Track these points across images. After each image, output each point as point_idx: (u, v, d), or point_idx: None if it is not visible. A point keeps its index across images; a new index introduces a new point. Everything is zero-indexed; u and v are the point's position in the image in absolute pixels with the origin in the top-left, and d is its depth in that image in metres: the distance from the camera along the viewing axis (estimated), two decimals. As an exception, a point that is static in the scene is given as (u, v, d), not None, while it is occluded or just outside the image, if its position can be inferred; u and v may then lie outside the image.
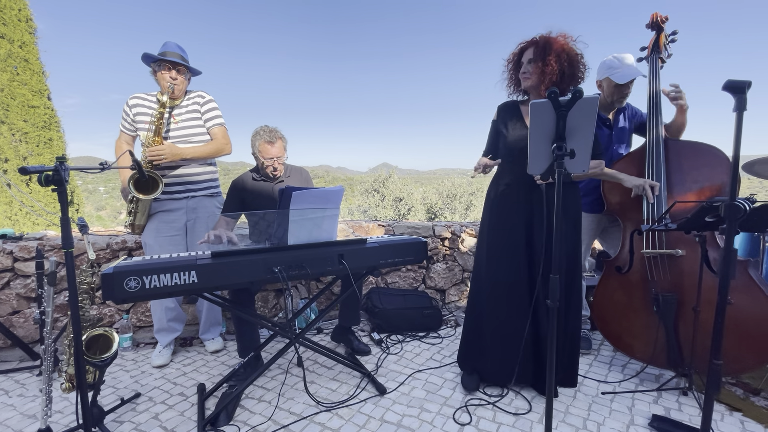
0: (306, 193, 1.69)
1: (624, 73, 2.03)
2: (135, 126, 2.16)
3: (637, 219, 1.97)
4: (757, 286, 1.69)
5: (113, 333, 1.54)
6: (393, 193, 15.37)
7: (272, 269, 1.56)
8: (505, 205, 1.85)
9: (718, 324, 1.08)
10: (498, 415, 1.69)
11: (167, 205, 2.19)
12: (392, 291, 2.88)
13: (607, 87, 2.11)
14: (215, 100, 2.27)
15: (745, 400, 1.79)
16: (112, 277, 1.34)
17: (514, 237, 1.81)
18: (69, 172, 1.19)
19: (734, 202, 1.05)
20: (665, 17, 2.03)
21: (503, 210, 1.85)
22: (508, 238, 1.82)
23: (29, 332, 2.35)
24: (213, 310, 2.40)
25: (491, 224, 1.88)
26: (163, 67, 2.09)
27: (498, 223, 1.86)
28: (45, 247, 2.37)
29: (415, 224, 3.22)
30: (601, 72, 2.13)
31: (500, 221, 1.85)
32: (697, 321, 1.72)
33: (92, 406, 1.49)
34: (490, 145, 1.95)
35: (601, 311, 2.07)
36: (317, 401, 1.79)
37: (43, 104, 6.29)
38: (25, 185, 5.95)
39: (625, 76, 2.02)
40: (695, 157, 1.90)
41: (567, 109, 1.17)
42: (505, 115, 1.89)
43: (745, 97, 1.02)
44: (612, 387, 1.92)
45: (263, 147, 2.14)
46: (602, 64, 2.14)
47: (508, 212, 1.83)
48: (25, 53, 6.08)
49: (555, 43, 1.66)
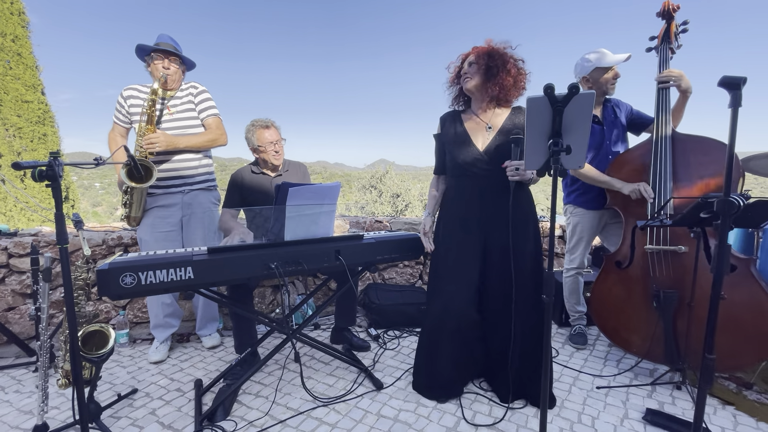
0: (302, 189, 1.69)
1: (609, 57, 2.04)
2: (130, 118, 2.15)
3: (639, 213, 1.97)
4: (758, 284, 1.69)
5: (109, 329, 1.54)
6: (390, 190, 15.36)
7: (269, 265, 1.55)
8: (458, 217, 1.78)
9: (712, 319, 1.09)
10: (494, 410, 1.70)
11: (162, 200, 2.17)
12: (389, 287, 2.89)
13: (599, 77, 2.09)
14: (209, 91, 2.26)
15: (737, 393, 1.81)
16: (107, 273, 1.34)
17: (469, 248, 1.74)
18: (63, 168, 1.18)
19: (728, 198, 1.05)
20: (677, 6, 2.00)
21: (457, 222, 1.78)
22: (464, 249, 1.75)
23: (25, 328, 2.34)
24: (210, 306, 2.40)
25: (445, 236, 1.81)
26: (155, 57, 2.09)
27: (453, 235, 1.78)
28: (40, 243, 2.36)
29: (412, 220, 3.22)
30: (585, 68, 2.11)
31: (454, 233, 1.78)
32: (692, 316, 1.73)
33: (89, 401, 1.49)
34: (439, 161, 1.90)
35: (599, 306, 2.08)
36: (314, 396, 1.80)
37: (36, 99, 6.23)
38: (20, 181, 5.90)
39: (616, 59, 2.03)
40: (702, 153, 1.88)
41: (563, 105, 1.16)
42: (447, 128, 1.83)
43: (740, 93, 1.02)
44: (607, 381, 1.94)
45: (260, 133, 2.20)
46: (582, 60, 2.12)
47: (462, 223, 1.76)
48: (18, 47, 6.00)
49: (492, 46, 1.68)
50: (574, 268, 2.36)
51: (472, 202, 1.75)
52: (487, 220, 1.73)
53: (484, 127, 1.75)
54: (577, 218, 2.31)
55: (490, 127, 1.74)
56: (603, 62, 2.05)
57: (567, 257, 2.40)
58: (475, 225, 1.74)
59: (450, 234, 1.80)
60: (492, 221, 1.72)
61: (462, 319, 1.73)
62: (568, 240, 2.39)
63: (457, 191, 1.81)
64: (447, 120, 1.85)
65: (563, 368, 2.07)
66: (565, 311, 2.52)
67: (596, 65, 2.07)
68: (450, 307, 1.74)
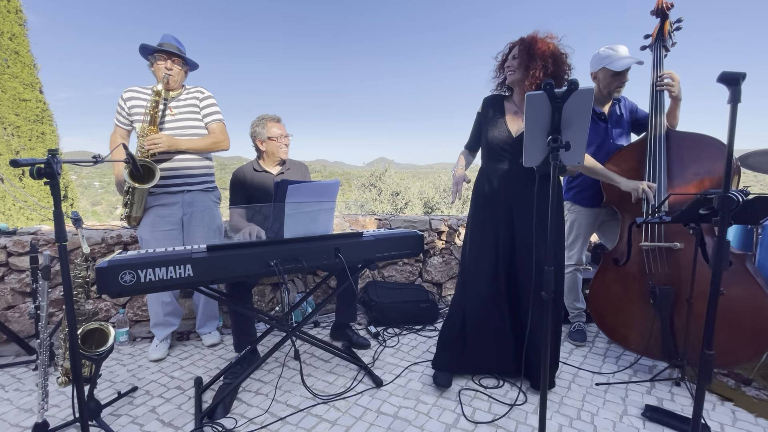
0: (302, 186, 1.68)
1: (620, 62, 2.02)
2: (130, 119, 2.15)
3: (635, 211, 1.97)
4: (754, 280, 1.70)
5: (109, 327, 1.54)
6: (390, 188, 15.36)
7: (268, 263, 1.55)
8: (486, 199, 1.85)
9: (711, 315, 1.09)
10: (493, 406, 1.71)
11: (163, 200, 2.17)
12: (389, 284, 2.89)
13: (604, 78, 2.11)
14: (214, 96, 2.27)
15: (736, 390, 1.82)
16: (106, 271, 1.33)
17: (494, 232, 1.82)
18: (61, 165, 1.18)
19: (727, 194, 1.05)
20: (671, 4, 2.01)
21: (485, 205, 1.86)
22: (489, 233, 1.83)
23: (25, 327, 2.34)
24: (210, 304, 2.40)
25: (474, 220, 1.90)
26: (158, 57, 2.09)
27: (480, 218, 1.87)
28: (39, 241, 2.35)
29: (411, 218, 3.22)
30: (595, 63, 2.12)
31: (482, 216, 1.86)
32: (691, 312, 1.73)
33: (89, 399, 1.49)
34: (472, 138, 1.98)
35: (598, 303, 2.09)
36: (314, 394, 1.80)
37: (34, 97, 6.20)
38: (19, 179, 5.89)
39: (622, 65, 2.02)
40: (697, 149, 1.89)
41: (562, 101, 1.16)
42: (488, 109, 1.89)
43: (739, 89, 1.01)
44: (606, 378, 1.95)
45: (271, 126, 2.27)
46: (596, 55, 2.13)
47: (490, 207, 1.84)
48: (16, 45, 5.97)
49: (539, 41, 1.69)
50: (572, 264, 2.37)
51: (500, 185, 1.81)
52: (513, 204, 1.79)
53: (521, 115, 1.78)
54: (574, 215, 2.32)
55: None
56: (611, 65, 2.04)
57: (565, 254, 2.40)
58: (500, 207, 1.80)
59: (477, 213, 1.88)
60: (518, 206, 1.78)
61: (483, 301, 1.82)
62: (566, 237, 2.40)
63: (488, 173, 1.86)
64: (490, 102, 1.90)
65: (563, 365, 2.08)
66: (565, 308, 2.52)
67: (605, 65, 2.07)
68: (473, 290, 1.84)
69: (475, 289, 1.85)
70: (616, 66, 2.03)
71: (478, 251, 1.85)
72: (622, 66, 2.02)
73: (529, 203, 1.72)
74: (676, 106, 2.00)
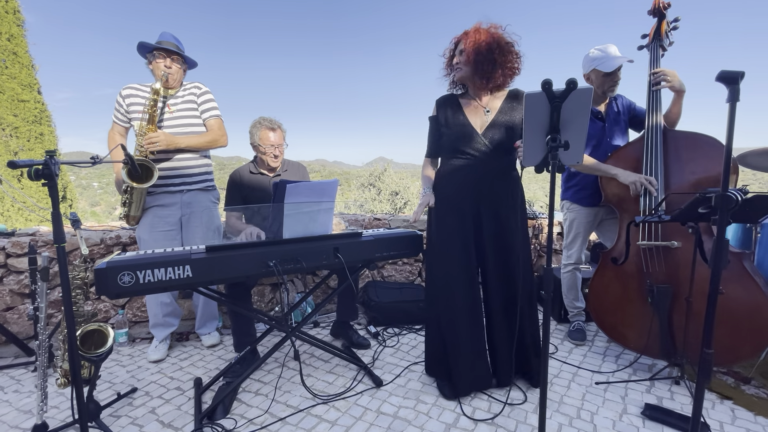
0: (300, 186, 1.68)
1: (610, 62, 2.03)
2: (128, 117, 2.14)
3: (634, 210, 1.97)
4: (752, 278, 1.70)
5: (108, 328, 1.54)
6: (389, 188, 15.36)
7: (267, 263, 1.55)
8: (452, 205, 1.76)
9: (710, 313, 1.09)
10: (493, 406, 1.71)
11: (162, 200, 2.17)
12: (388, 284, 2.89)
13: (596, 78, 2.12)
14: (212, 92, 2.26)
15: (735, 388, 1.82)
16: (105, 272, 1.33)
17: (465, 241, 1.74)
18: (60, 166, 1.18)
19: (726, 193, 1.05)
20: (668, 3, 2.01)
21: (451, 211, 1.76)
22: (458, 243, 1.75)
23: (24, 328, 2.34)
24: (209, 305, 2.40)
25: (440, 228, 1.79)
26: (157, 55, 2.08)
27: (448, 226, 1.77)
28: (38, 242, 2.35)
29: (411, 217, 3.22)
30: (586, 65, 2.14)
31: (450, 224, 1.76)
32: (690, 311, 1.73)
33: (88, 401, 1.49)
34: (433, 144, 1.88)
35: (597, 302, 2.09)
36: (314, 394, 1.80)
37: (33, 98, 6.19)
38: (17, 181, 5.87)
39: (611, 65, 2.03)
40: (694, 148, 1.89)
41: (561, 101, 1.16)
42: (444, 110, 1.81)
43: (738, 88, 1.01)
44: (606, 377, 1.95)
45: (264, 133, 2.20)
46: (586, 57, 2.14)
47: (458, 212, 1.75)
48: (14, 46, 5.96)
49: (483, 32, 1.65)
50: (571, 263, 2.37)
51: (467, 184, 1.74)
52: (480, 203, 1.74)
53: (482, 110, 1.76)
54: (573, 214, 2.32)
55: (488, 110, 1.75)
56: (601, 67, 2.05)
57: (564, 253, 2.41)
58: (468, 207, 1.75)
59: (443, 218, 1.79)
60: (486, 204, 1.74)
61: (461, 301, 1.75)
62: (565, 236, 2.40)
63: (452, 174, 1.79)
64: (444, 103, 1.83)
65: (562, 364, 2.08)
66: (564, 307, 2.53)
67: (595, 66, 2.08)
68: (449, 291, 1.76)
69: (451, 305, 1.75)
70: (606, 67, 2.04)
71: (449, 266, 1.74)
72: (612, 67, 2.03)
73: (496, 201, 1.72)
74: (680, 98, 1.98)
